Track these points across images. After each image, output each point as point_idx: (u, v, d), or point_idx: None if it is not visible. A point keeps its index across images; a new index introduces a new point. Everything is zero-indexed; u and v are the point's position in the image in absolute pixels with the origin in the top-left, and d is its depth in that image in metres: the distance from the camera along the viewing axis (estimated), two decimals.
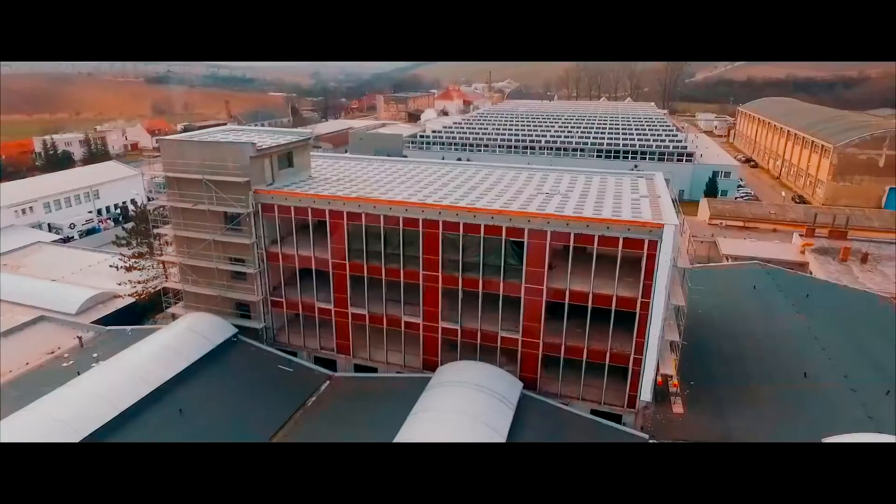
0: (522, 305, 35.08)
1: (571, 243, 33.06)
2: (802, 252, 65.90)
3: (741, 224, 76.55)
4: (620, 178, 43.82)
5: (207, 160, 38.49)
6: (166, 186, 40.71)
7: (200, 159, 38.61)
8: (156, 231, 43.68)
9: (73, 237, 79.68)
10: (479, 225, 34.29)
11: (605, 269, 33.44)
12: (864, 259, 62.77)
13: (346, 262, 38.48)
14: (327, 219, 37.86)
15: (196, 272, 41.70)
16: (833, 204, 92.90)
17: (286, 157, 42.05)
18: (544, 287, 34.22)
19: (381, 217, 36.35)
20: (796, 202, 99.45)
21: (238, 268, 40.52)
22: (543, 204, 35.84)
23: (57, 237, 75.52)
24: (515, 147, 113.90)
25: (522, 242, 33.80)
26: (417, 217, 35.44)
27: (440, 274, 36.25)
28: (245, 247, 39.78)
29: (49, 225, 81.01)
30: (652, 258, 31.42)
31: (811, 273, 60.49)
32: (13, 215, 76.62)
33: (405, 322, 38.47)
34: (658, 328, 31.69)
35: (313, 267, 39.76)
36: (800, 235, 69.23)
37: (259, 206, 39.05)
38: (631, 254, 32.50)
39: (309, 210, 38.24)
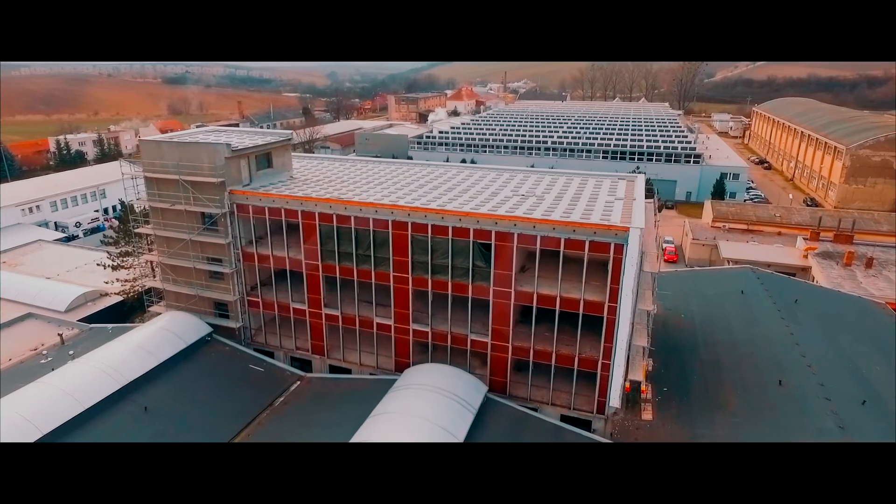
0: (491, 308, 34.69)
1: (538, 246, 32.57)
2: (805, 256, 64.24)
3: (745, 227, 74.90)
4: (601, 179, 43.08)
5: (184, 161, 38.79)
6: (146, 186, 41.15)
7: (177, 160, 38.93)
8: (136, 230, 44.15)
9: (77, 235, 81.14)
10: (448, 227, 33.99)
11: (575, 272, 32.89)
12: (869, 263, 60.98)
13: (319, 262, 38.45)
14: (300, 219, 37.88)
15: (175, 271, 42.07)
16: (845, 207, 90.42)
17: (265, 158, 42.19)
18: (512, 290, 33.79)
19: (352, 218, 36.26)
20: (808, 205, 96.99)
21: (215, 267, 40.74)
22: (515, 206, 35.35)
23: (62, 235, 76.93)
24: (521, 148, 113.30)
25: (490, 245, 33.41)
26: (387, 218, 35.25)
27: (410, 276, 36.03)
28: (221, 247, 40.00)
29: (55, 223, 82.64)
30: (618, 262, 30.81)
31: (813, 278, 58.90)
32: (20, 214, 78.20)
33: (377, 323, 38.31)
34: (626, 333, 31.06)
35: (288, 267, 39.81)
36: (804, 239, 67.48)
37: (234, 206, 39.23)
38: (599, 257, 31.90)
39: (282, 211, 38.28)
